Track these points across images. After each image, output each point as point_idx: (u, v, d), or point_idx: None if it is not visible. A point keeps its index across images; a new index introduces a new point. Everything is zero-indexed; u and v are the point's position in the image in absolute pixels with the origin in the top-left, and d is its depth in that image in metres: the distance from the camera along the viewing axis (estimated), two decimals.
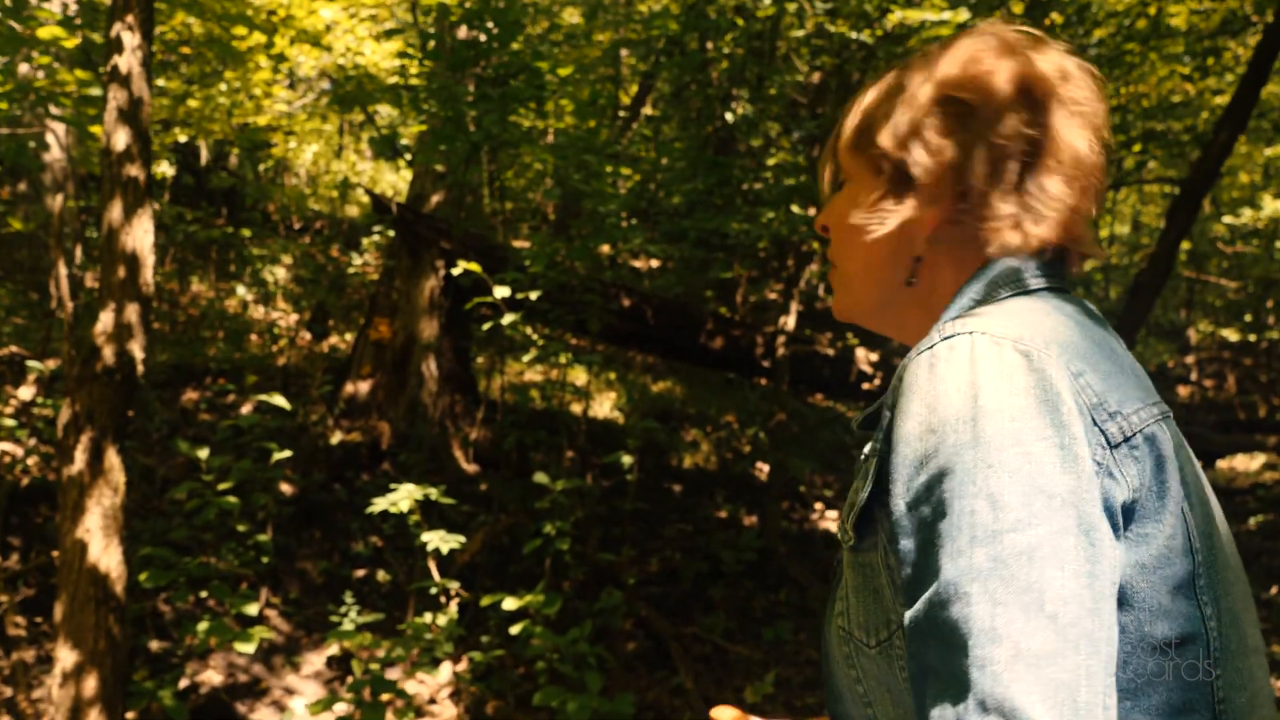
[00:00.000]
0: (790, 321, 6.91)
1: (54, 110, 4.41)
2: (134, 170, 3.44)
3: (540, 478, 4.14)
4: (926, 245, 0.89)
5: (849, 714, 0.87)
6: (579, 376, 8.38)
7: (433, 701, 4.44)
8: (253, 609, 3.38)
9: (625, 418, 8.15)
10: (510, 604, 3.68)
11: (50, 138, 8.34)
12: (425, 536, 3.70)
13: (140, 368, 3.40)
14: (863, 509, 0.80)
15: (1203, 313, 14.55)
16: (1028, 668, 0.64)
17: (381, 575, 5.25)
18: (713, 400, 9.09)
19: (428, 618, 3.68)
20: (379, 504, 3.74)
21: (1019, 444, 0.69)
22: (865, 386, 7.81)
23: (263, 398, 3.85)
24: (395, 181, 13.50)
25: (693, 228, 5.29)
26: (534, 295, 4.22)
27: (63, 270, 3.05)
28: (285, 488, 5.63)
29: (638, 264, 12.17)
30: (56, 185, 8.22)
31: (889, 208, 0.90)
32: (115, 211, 3.41)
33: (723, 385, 9.20)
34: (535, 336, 5.51)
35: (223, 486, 3.73)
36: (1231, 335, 12.57)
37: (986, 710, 0.63)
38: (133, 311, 3.39)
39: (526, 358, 4.51)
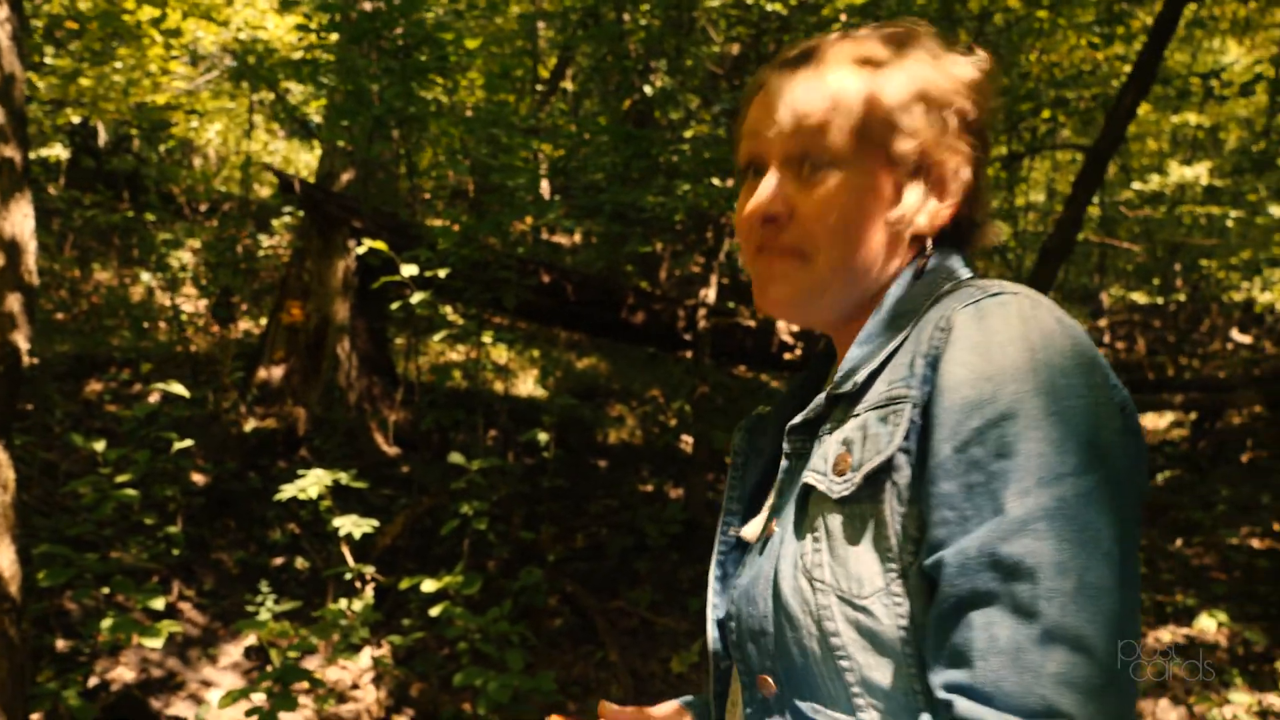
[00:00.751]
0: (711, 294, 6.92)
1: None
2: (9, 151, 3.26)
3: (455, 458, 4.07)
4: (923, 234, 0.94)
5: (804, 672, 0.85)
6: (501, 355, 8.30)
7: (355, 687, 4.37)
8: (159, 603, 3.27)
9: (548, 395, 8.10)
10: (429, 585, 3.62)
11: None
12: (337, 522, 3.61)
13: (25, 359, 3.25)
14: (889, 458, 0.81)
15: (1114, 277, 14.99)
16: (1089, 600, 0.70)
17: (300, 563, 5.14)
18: (637, 375, 9.09)
19: (343, 604, 3.60)
20: (288, 490, 3.64)
21: (1072, 397, 0.75)
22: (786, 357, 7.88)
23: (160, 386, 3.69)
24: (310, 161, 13.14)
25: (609, 201, 5.24)
26: (443, 273, 4.14)
27: None
28: (197, 478, 5.47)
29: (561, 240, 12.08)
30: None
31: (913, 196, 0.93)
32: None
33: (647, 360, 9.20)
34: (453, 315, 5.41)
35: (123, 478, 3.58)
36: (1140, 298, 12.97)
37: (1053, 639, 0.69)
38: (14, 301, 3.22)
39: (438, 336, 4.42)
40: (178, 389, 3.63)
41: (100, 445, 3.44)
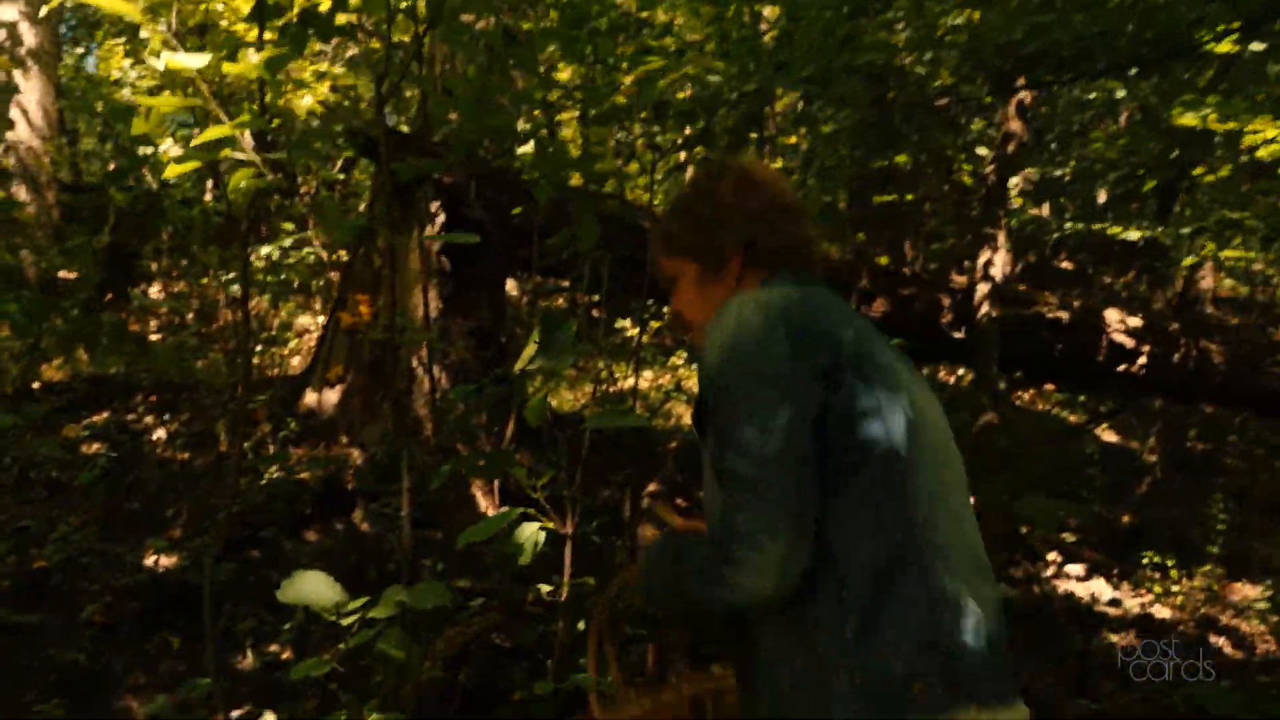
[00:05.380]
0: (998, 264, 4.27)
1: None
2: None
3: (471, 536, 1.79)
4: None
5: None
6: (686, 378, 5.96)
7: None
8: None
9: None
10: None
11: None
12: None
13: None
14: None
15: None
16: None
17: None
18: None
19: None
20: None
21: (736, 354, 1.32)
22: (1121, 369, 5.02)
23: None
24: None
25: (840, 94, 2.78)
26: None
27: None
28: (154, 562, 3.45)
29: None
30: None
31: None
32: None
33: None
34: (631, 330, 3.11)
35: None
36: None
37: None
38: None
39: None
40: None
41: None
